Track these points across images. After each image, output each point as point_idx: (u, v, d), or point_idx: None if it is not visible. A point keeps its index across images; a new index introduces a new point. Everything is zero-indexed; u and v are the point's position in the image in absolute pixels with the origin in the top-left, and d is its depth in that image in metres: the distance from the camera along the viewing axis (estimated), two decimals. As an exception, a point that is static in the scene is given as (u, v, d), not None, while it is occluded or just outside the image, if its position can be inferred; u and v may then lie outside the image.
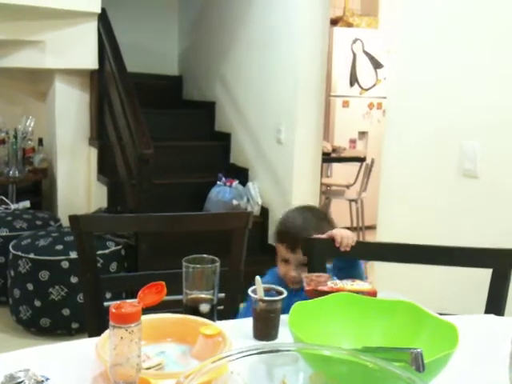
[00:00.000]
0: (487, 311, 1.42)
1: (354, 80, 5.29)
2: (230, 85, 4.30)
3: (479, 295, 1.48)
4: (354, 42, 5.26)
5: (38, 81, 4.11)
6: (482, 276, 1.47)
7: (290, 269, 1.57)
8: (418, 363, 0.78)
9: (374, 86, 5.40)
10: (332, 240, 1.51)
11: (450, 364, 0.87)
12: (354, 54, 5.28)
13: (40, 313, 2.90)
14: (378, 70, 5.39)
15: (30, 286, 2.89)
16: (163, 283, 0.99)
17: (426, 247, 1.54)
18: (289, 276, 1.57)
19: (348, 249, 1.50)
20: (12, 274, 2.97)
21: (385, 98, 2.99)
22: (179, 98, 5.02)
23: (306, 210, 1.71)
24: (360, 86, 5.33)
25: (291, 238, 1.58)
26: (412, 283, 2.32)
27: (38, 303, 2.88)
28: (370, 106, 5.39)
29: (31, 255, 2.89)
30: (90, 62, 3.73)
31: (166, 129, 4.17)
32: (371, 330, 1.02)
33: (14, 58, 3.63)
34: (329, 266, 1.59)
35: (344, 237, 1.50)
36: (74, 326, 2.92)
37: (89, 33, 3.68)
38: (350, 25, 5.42)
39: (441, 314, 1.03)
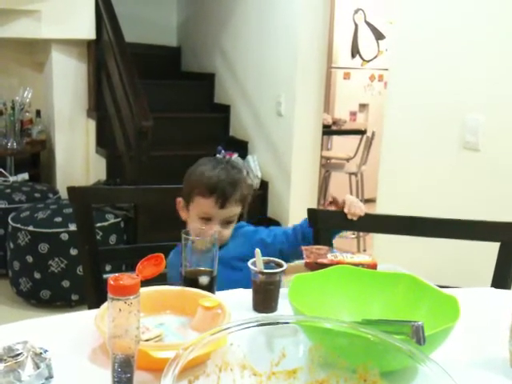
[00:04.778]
0: (493, 285, 1.42)
1: (355, 51, 5.22)
2: (230, 56, 4.24)
3: (483, 268, 1.47)
4: (356, 12, 5.18)
5: (35, 51, 4.05)
6: (486, 249, 1.47)
7: (212, 227, 1.39)
8: (418, 336, 0.77)
9: (376, 57, 5.33)
10: (339, 209, 1.49)
11: (451, 337, 0.86)
12: (356, 25, 5.20)
13: (40, 285, 2.91)
14: (379, 41, 5.32)
15: (29, 259, 2.89)
16: (162, 255, 0.98)
17: (435, 220, 1.52)
18: (205, 234, 1.29)
19: (355, 218, 1.48)
20: (11, 246, 2.97)
21: (386, 69, 2.95)
22: (178, 69, 4.96)
23: (224, 161, 1.52)
24: (361, 58, 5.27)
25: (223, 191, 1.40)
26: (413, 256, 2.32)
27: (37, 275, 2.89)
28: (372, 77, 5.33)
29: (30, 227, 2.88)
30: (87, 31, 3.67)
31: (164, 100, 4.13)
32: (371, 303, 1.01)
33: (10, 28, 3.56)
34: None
35: (353, 204, 1.48)
36: (74, 297, 2.94)
37: (86, 2, 3.61)
38: (351, -5, 5.32)
39: (441, 287, 1.03)
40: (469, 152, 2.26)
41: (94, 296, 1.56)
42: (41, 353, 0.82)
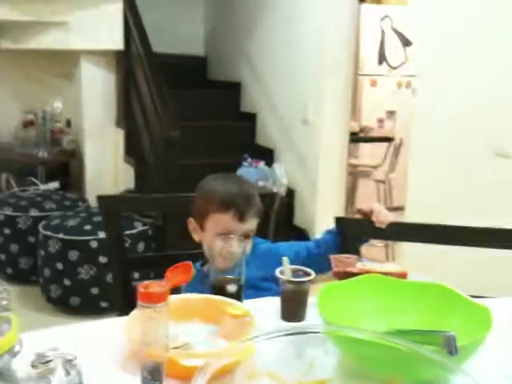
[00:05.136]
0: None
1: (382, 58, 5.19)
2: (256, 65, 4.26)
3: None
4: (383, 19, 5.14)
5: (65, 62, 4.13)
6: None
7: (232, 242, 1.26)
8: (450, 346, 0.76)
9: (403, 64, 5.29)
10: (367, 217, 1.47)
11: (483, 347, 0.84)
12: (383, 32, 5.17)
13: (69, 292, 2.95)
14: (406, 48, 5.27)
15: (59, 266, 2.93)
16: (190, 263, 0.99)
17: (465, 228, 1.48)
18: (228, 251, 1.23)
19: (383, 226, 1.45)
20: (42, 253, 3.02)
21: (414, 76, 2.93)
22: (204, 79, 5.00)
23: (233, 176, 1.57)
24: (388, 65, 5.23)
25: (240, 205, 1.39)
26: (443, 264, 2.28)
27: (67, 282, 2.93)
28: (399, 84, 5.28)
29: (60, 235, 2.93)
30: (116, 42, 3.72)
31: (191, 109, 4.15)
32: (401, 313, 1.00)
33: (39, 39, 3.63)
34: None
35: (381, 212, 1.46)
36: (103, 305, 2.97)
37: (114, 13, 3.67)
38: (378, 1, 5.31)
39: (473, 297, 1.01)
40: (500, 159, 2.22)
41: (123, 303, 1.57)
42: (71, 359, 0.83)
